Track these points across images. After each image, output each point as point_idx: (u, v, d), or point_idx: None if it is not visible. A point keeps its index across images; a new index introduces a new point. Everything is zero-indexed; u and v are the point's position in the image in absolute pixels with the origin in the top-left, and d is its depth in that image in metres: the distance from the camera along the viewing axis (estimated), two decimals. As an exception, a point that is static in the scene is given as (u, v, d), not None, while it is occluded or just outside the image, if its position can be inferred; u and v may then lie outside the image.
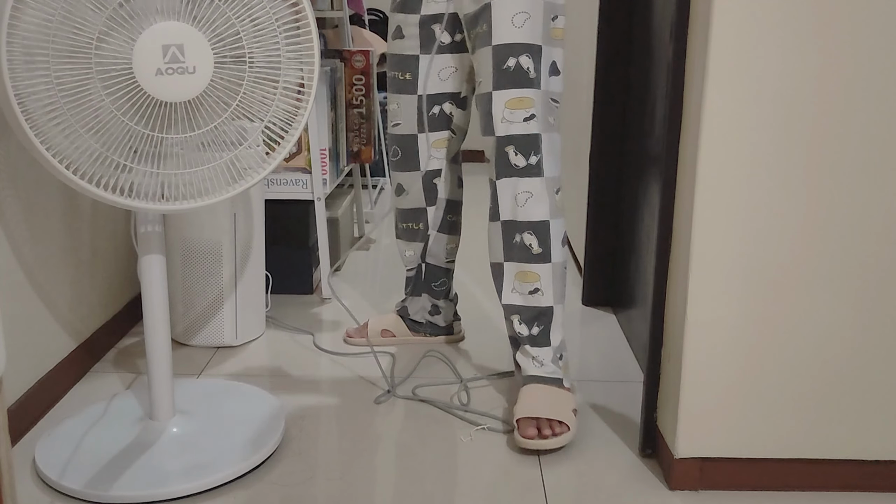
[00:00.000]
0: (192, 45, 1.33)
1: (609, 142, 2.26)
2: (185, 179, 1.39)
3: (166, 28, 1.31)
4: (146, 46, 1.30)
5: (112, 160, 1.33)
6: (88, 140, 1.30)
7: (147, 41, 1.30)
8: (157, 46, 1.30)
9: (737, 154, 1.34)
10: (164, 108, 1.34)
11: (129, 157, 1.35)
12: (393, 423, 1.70)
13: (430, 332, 2.08)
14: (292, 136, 1.45)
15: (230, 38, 1.36)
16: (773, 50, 1.30)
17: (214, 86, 1.36)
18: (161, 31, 1.30)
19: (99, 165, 1.32)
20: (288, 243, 2.40)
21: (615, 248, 2.33)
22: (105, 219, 2.02)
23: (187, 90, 1.33)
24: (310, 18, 1.41)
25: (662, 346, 1.53)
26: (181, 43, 1.32)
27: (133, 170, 1.35)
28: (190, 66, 1.33)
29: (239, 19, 1.36)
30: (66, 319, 1.83)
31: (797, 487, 1.48)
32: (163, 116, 1.34)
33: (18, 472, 1.50)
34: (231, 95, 1.39)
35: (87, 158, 1.31)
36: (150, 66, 1.30)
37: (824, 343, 1.41)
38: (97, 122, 1.30)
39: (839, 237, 1.37)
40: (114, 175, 1.34)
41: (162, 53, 1.31)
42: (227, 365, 1.97)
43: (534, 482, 1.50)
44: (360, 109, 2.62)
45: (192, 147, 1.39)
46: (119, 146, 1.33)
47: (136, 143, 1.34)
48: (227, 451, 1.52)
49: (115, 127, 1.31)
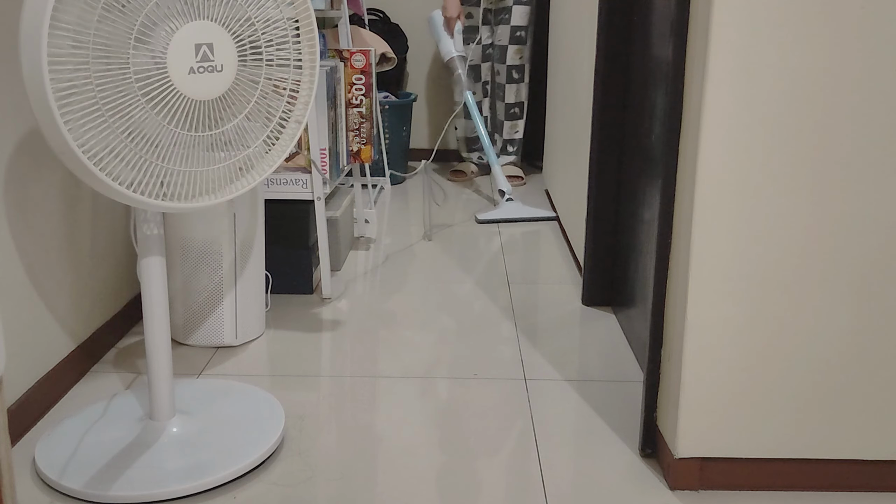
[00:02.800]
0: (220, 44, 1.35)
1: (609, 142, 2.26)
2: (186, 179, 1.39)
3: (198, 27, 1.32)
4: (181, 45, 1.31)
5: (147, 161, 1.33)
6: (125, 142, 1.30)
7: (181, 40, 1.30)
8: (191, 45, 1.31)
9: (737, 154, 1.34)
10: (189, 108, 1.35)
11: (161, 157, 1.35)
12: (393, 423, 1.70)
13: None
14: (293, 136, 1.46)
15: (248, 38, 1.38)
16: (772, 50, 1.30)
17: (235, 84, 1.38)
18: (194, 30, 1.31)
19: (132, 167, 1.32)
20: (288, 243, 2.40)
21: (615, 248, 2.33)
22: (105, 219, 2.02)
23: (215, 88, 1.35)
24: (312, 17, 1.42)
25: (662, 346, 1.53)
26: (211, 42, 1.34)
27: (166, 170, 1.35)
28: (219, 64, 1.35)
29: (257, 18, 1.37)
30: (66, 319, 1.83)
31: (797, 487, 1.48)
32: (185, 116, 1.35)
33: (18, 472, 1.50)
34: (249, 95, 1.40)
35: (119, 162, 1.31)
36: (184, 64, 1.31)
37: (824, 343, 1.41)
38: (132, 123, 1.30)
39: (839, 237, 1.36)
40: (149, 176, 1.35)
41: (195, 52, 1.32)
42: (227, 365, 1.97)
43: (534, 482, 1.50)
44: (360, 109, 2.62)
45: (200, 147, 1.39)
46: (151, 146, 1.33)
47: (165, 142, 1.34)
48: (227, 451, 1.52)
49: (149, 127, 1.31)
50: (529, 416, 1.74)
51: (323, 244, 2.36)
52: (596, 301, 2.39)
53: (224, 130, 1.39)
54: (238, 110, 1.40)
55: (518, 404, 1.78)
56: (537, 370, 1.95)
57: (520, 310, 2.33)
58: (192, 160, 1.38)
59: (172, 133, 1.34)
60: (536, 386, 1.87)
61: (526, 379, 1.90)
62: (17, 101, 1.61)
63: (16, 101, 1.61)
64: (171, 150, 1.35)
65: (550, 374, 1.93)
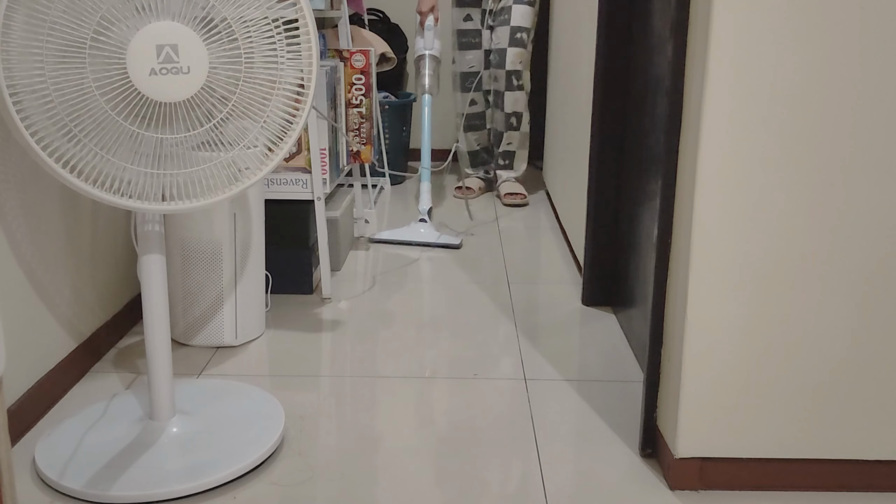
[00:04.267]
0: (187, 45, 1.33)
1: (609, 142, 2.26)
2: (185, 179, 1.39)
3: (160, 28, 1.30)
4: (140, 46, 1.29)
5: (110, 161, 1.33)
6: (85, 141, 1.30)
7: (140, 41, 1.29)
8: (151, 46, 1.30)
9: (737, 154, 1.34)
10: (163, 109, 1.34)
11: (129, 159, 1.35)
12: (393, 423, 1.70)
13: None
14: (291, 136, 1.45)
15: (226, 38, 1.36)
16: (773, 49, 1.30)
17: (212, 86, 1.36)
18: (155, 31, 1.30)
19: (99, 166, 1.32)
20: (288, 243, 2.40)
21: (615, 248, 2.33)
22: (105, 219, 2.02)
23: (182, 90, 1.33)
24: (308, 18, 1.41)
25: (662, 346, 1.53)
26: (175, 43, 1.32)
27: (132, 170, 1.35)
28: (184, 66, 1.33)
29: (233, 19, 1.36)
30: (66, 319, 1.83)
31: (797, 487, 1.48)
32: (161, 116, 1.34)
33: (18, 472, 1.50)
34: (229, 96, 1.39)
35: (87, 159, 1.31)
36: (144, 66, 1.30)
37: (824, 343, 1.41)
38: (94, 123, 1.30)
39: (839, 236, 1.36)
40: (116, 176, 1.34)
41: (156, 53, 1.31)
42: (227, 365, 1.97)
43: (534, 482, 1.50)
44: (360, 109, 2.62)
45: (189, 147, 1.39)
46: (116, 147, 1.33)
47: (134, 143, 1.34)
48: (227, 451, 1.52)
49: (111, 127, 1.31)
50: (529, 416, 1.74)
51: (323, 244, 2.36)
52: (596, 301, 2.39)
53: (204, 130, 1.38)
54: (220, 112, 1.39)
55: (518, 404, 1.78)
56: (537, 370, 1.95)
57: (520, 310, 2.33)
58: (177, 162, 1.37)
59: (138, 135, 1.33)
60: (536, 386, 1.87)
61: (526, 379, 1.90)
62: (17, 101, 1.61)
63: (16, 101, 1.61)
64: (146, 152, 1.35)
65: (550, 374, 1.93)
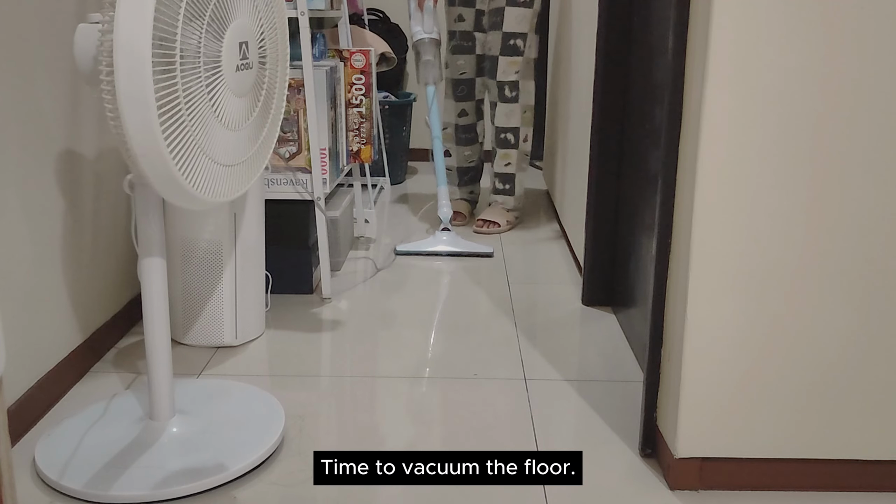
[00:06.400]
0: (252, 42, 1.38)
1: (609, 142, 2.26)
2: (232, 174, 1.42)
3: (240, 25, 1.34)
4: (230, 43, 1.32)
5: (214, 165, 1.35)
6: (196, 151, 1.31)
7: (230, 38, 1.33)
8: (235, 43, 1.33)
9: (737, 154, 1.34)
10: (234, 105, 1.37)
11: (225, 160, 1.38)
12: (393, 423, 1.70)
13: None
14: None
15: (258, 38, 1.41)
16: (773, 49, 1.30)
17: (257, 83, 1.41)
18: (238, 28, 1.34)
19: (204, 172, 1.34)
20: (288, 243, 2.40)
21: (615, 248, 2.33)
22: (105, 219, 2.02)
23: (247, 85, 1.37)
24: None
25: (662, 345, 1.53)
26: (247, 40, 1.36)
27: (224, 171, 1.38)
28: (251, 61, 1.37)
29: (266, 19, 1.40)
30: (67, 319, 1.83)
31: (797, 487, 1.48)
32: (233, 112, 1.37)
33: (18, 472, 1.50)
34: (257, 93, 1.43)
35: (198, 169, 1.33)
36: (232, 62, 1.33)
37: (824, 343, 1.41)
38: (202, 129, 1.30)
39: (839, 236, 1.36)
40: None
41: (238, 50, 1.33)
42: (227, 365, 1.97)
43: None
44: (360, 109, 2.62)
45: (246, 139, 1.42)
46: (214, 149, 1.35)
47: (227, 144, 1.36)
48: (227, 451, 1.52)
49: (211, 130, 1.32)
50: (529, 416, 1.74)
51: (323, 244, 2.36)
52: (596, 301, 2.39)
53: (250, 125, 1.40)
54: (254, 108, 1.42)
55: (518, 404, 1.78)
56: (537, 370, 1.95)
57: (520, 310, 2.33)
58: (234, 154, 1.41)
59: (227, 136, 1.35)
60: (536, 386, 1.87)
61: (526, 379, 1.90)
62: (18, 100, 1.61)
63: (17, 101, 1.60)
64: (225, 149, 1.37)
65: (550, 373, 1.93)
